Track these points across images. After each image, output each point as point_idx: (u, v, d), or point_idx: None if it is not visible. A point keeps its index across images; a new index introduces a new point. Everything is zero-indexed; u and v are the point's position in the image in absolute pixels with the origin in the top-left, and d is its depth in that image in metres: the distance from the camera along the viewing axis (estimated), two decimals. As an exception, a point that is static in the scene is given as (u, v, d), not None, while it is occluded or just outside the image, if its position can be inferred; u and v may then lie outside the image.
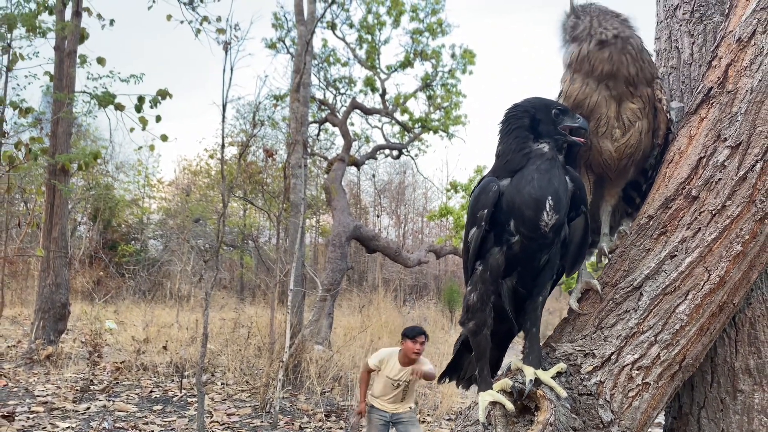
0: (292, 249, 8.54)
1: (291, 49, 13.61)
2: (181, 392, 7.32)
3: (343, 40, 14.00)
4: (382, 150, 15.53)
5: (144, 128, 8.36)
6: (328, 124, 14.77)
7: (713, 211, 1.76)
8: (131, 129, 8.88)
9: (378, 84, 14.34)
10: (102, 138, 20.46)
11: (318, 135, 15.32)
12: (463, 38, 62.36)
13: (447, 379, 2.18)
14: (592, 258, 2.19)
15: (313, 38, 10.14)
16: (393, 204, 27.59)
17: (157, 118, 8.40)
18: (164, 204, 24.29)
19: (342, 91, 14.92)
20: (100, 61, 8.82)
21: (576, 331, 1.90)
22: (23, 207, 17.11)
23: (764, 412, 1.88)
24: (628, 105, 1.90)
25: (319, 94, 14.54)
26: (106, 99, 8.35)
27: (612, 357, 1.79)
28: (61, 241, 9.03)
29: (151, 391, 7.33)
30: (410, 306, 17.60)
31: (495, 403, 1.69)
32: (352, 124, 14.70)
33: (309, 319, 10.38)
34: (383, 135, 15.32)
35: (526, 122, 1.77)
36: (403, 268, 17.93)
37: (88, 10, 9.28)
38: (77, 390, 6.98)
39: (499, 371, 1.94)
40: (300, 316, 8.62)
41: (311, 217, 21.76)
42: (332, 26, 13.62)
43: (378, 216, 26.28)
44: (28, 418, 5.86)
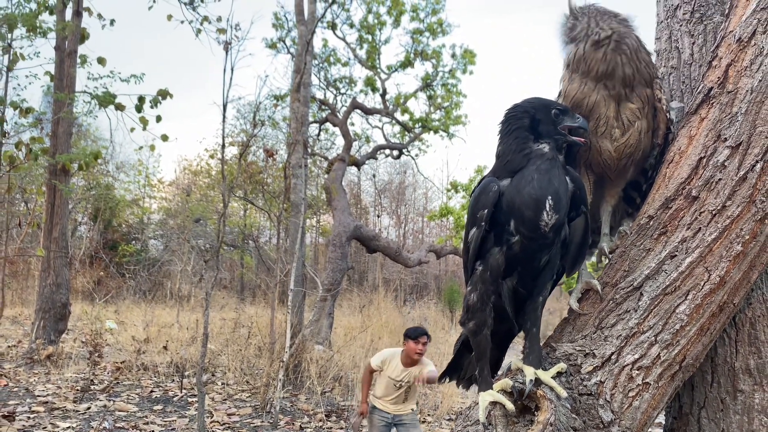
0: (292, 249, 8.54)
1: (291, 49, 13.61)
2: (181, 392, 7.33)
3: (343, 40, 14.01)
4: (382, 150, 15.53)
5: (144, 128, 8.36)
6: (328, 124, 14.77)
7: (713, 212, 1.76)
8: (132, 129, 8.89)
9: (378, 84, 14.34)
10: (102, 138, 20.50)
11: (318, 135, 15.32)
12: (463, 38, 62.40)
13: (447, 379, 2.18)
14: (593, 258, 2.19)
15: (314, 38, 10.15)
16: (393, 204, 27.59)
17: (158, 118, 8.41)
18: (165, 204, 24.31)
19: (342, 91, 14.93)
20: (101, 61, 8.83)
21: (576, 331, 1.90)
22: (24, 207, 17.12)
23: (764, 412, 1.88)
24: (627, 105, 1.90)
25: (320, 94, 14.56)
26: (106, 99, 8.36)
27: (612, 357, 1.79)
28: (61, 241, 9.04)
29: (151, 391, 7.33)
30: (411, 306, 17.60)
31: (495, 403, 1.69)
32: (353, 124, 14.71)
33: (309, 319, 10.38)
34: (384, 135, 15.33)
35: (526, 123, 1.77)
36: (404, 268, 17.94)
37: (88, 10, 9.29)
38: (78, 390, 6.99)
39: (500, 371, 1.94)
40: (300, 316, 8.62)
41: (312, 217, 21.77)
42: (333, 26, 13.62)
43: (378, 216, 26.29)
44: (29, 417, 5.87)
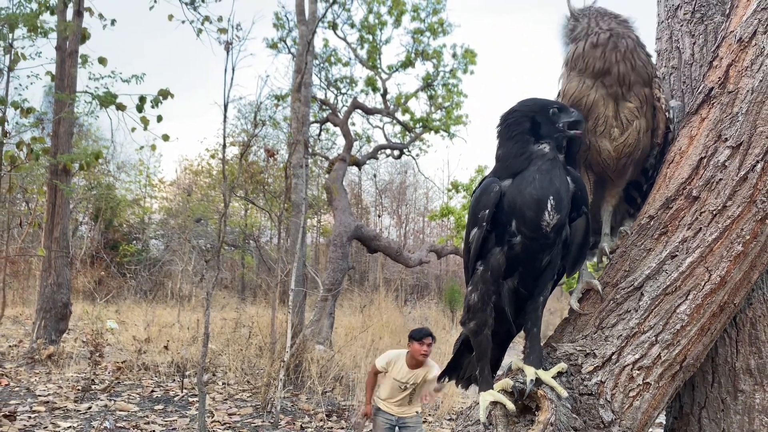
0: (293, 249, 8.54)
1: (292, 49, 13.62)
2: (182, 392, 7.33)
3: (344, 39, 14.02)
4: (383, 150, 15.54)
5: (145, 128, 8.37)
6: (329, 124, 14.78)
7: (714, 212, 1.76)
8: (133, 129, 8.90)
9: (379, 84, 14.35)
10: (103, 138, 20.52)
11: (319, 135, 15.33)
12: (464, 38, 62.40)
13: (447, 379, 2.18)
14: (594, 258, 2.19)
15: (315, 38, 10.15)
16: (394, 204, 27.59)
17: (159, 118, 8.41)
18: (165, 204, 24.32)
19: (343, 90, 14.94)
20: (102, 61, 8.84)
21: (577, 331, 1.90)
22: (25, 207, 17.14)
23: (765, 412, 1.88)
24: (625, 104, 1.90)
25: (321, 94, 14.56)
26: (107, 99, 8.36)
27: (613, 357, 1.78)
28: (62, 241, 9.05)
29: (152, 391, 7.34)
30: (411, 306, 17.60)
31: (496, 403, 1.69)
32: (354, 124, 14.68)
33: (310, 318, 10.39)
34: (384, 135, 15.33)
35: (527, 126, 1.78)
36: (405, 268, 17.94)
37: (89, 10, 9.29)
38: (78, 389, 6.99)
39: (500, 371, 1.94)
40: (301, 315, 8.63)
41: (312, 217, 21.78)
42: (333, 26, 13.62)
43: (379, 216, 26.29)
44: (30, 417, 5.87)
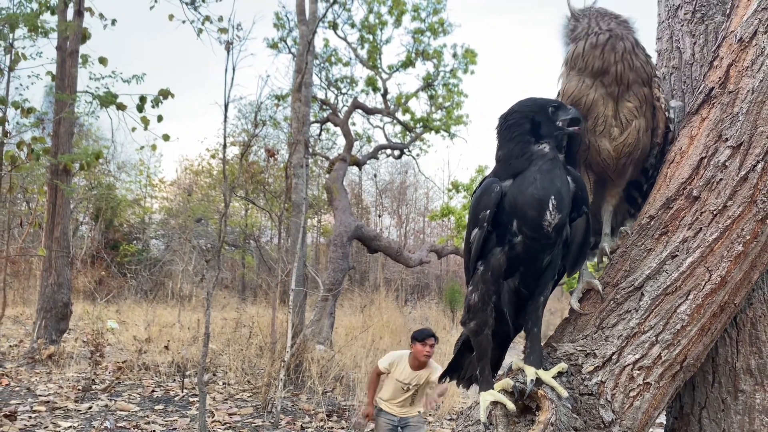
0: (293, 249, 8.54)
1: (293, 49, 13.61)
2: (182, 392, 7.33)
3: (344, 39, 14.02)
4: (383, 150, 15.53)
5: (146, 128, 8.36)
6: (329, 124, 14.77)
7: (714, 212, 1.76)
8: (133, 129, 8.90)
9: (379, 84, 14.34)
10: (104, 138, 20.50)
11: (319, 135, 15.33)
12: (464, 38, 62.35)
13: (447, 379, 2.18)
14: (594, 259, 2.19)
15: (315, 38, 10.15)
16: (394, 204, 27.59)
17: (159, 118, 8.41)
18: (166, 204, 24.32)
19: (343, 90, 14.93)
20: (102, 61, 8.83)
21: (577, 331, 1.90)
22: (25, 207, 17.15)
23: (765, 412, 1.88)
24: (624, 104, 1.90)
25: (321, 94, 14.56)
26: (107, 99, 8.36)
27: (613, 357, 1.78)
28: (63, 241, 9.05)
29: (152, 391, 7.34)
30: (412, 306, 17.60)
31: (496, 403, 1.69)
32: (354, 123, 14.68)
33: (310, 318, 10.39)
34: (385, 135, 15.33)
35: (528, 127, 1.78)
36: (405, 268, 17.93)
37: (90, 10, 9.29)
38: (79, 389, 7.00)
39: (500, 371, 1.94)
40: (301, 315, 8.63)
41: (313, 217, 21.77)
42: (334, 26, 13.62)
43: (379, 216, 26.29)
44: (30, 417, 5.88)
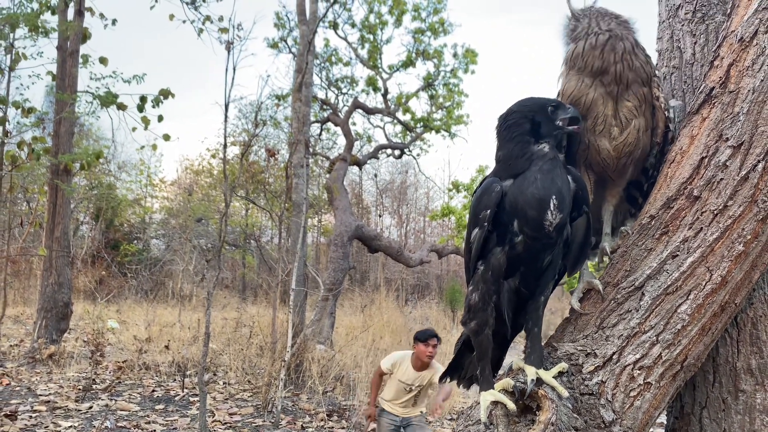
0: (294, 248, 8.54)
1: (293, 49, 13.61)
2: (183, 391, 7.33)
3: (345, 39, 14.02)
4: (384, 150, 15.53)
5: (146, 128, 8.37)
6: (330, 124, 14.77)
7: (715, 211, 1.76)
8: (133, 128, 8.91)
9: (380, 83, 14.34)
10: (104, 137, 20.51)
11: (320, 135, 15.33)
12: (464, 38, 62.35)
13: (448, 379, 2.18)
14: (595, 259, 2.19)
15: (315, 38, 10.15)
16: (395, 204, 27.58)
17: (160, 118, 8.41)
18: (166, 203, 24.32)
19: (344, 90, 14.93)
20: (103, 60, 8.83)
21: (578, 330, 1.90)
22: (26, 206, 17.14)
23: (766, 411, 1.88)
24: (624, 103, 1.90)
25: (321, 94, 14.56)
26: (108, 99, 8.36)
27: (614, 357, 1.78)
28: (63, 241, 9.05)
29: (153, 391, 7.34)
30: (412, 306, 17.60)
31: (497, 403, 1.69)
32: (354, 123, 14.67)
33: (311, 318, 10.39)
34: (385, 134, 15.33)
35: (527, 127, 1.78)
36: (405, 268, 17.93)
37: (90, 9, 9.29)
38: (79, 389, 7.00)
39: (500, 371, 1.94)
40: (302, 315, 8.63)
41: (313, 217, 21.77)
42: (334, 26, 13.62)
43: (380, 216, 26.29)
44: (31, 417, 5.88)
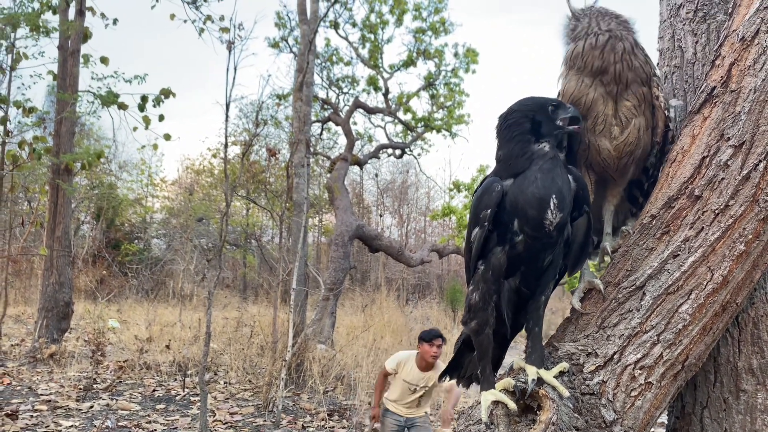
0: (294, 248, 8.54)
1: (294, 49, 13.62)
2: (183, 391, 7.34)
3: (345, 39, 14.02)
4: (384, 149, 15.53)
5: (147, 127, 8.37)
6: (330, 124, 14.78)
7: (716, 211, 1.75)
8: (134, 128, 8.92)
9: (381, 83, 14.34)
10: (105, 137, 20.52)
11: (321, 134, 15.33)
12: (464, 38, 62.33)
13: (448, 378, 2.18)
14: (596, 258, 2.19)
15: (316, 37, 10.15)
16: (396, 203, 27.58)
17: (161, 117, 8.42)
18: (167, 203, 24.32)
19: (345, 90, 14.93)
20: (104, 60, 8.84)
21: (579, 330, 1.89)
22: (27, 206, 17.15)
23: (767, 411, 1.87)
24: (623, 103, 1.90)
25: (322, 94, 14.57)
26: (109, 98, 8.37)
27: (615, 356, 1.78)
28: (64, 240, 9.05)
29: (153, 390, 7.35)
30: (413, 305, 17.60)
31: (498, 403, 1.69)
32: (355, 123, 14.67)
33: (312, 318, 10.39)
34: (386, 134, 15.33)
35: (528, 126, 1.77)
36: (406, 268, 17.93)
37: (91, 9, 9.30)
38: (80, 389, 7.00)
39: (501, 370, 1.94)
40: (303, 315, 8.63)
41: (314, 217, 21.78)
42: (335, 25, 13.62)
43: (381, 215, 26.29)
44: (32, 416, 5.88)
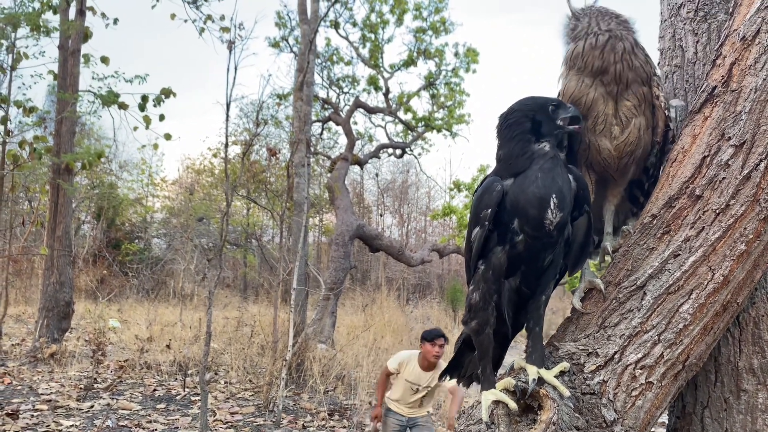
0: (295, 248, 8.54)
1: (294, 48, 13.62)
2: (184, 391, 7.34)
3: (346, 38, 14.02)
4: (385, 149, 15.53)
5: (147, 127, 8.38)
6: (331, 123, 14.78)
7: (717, 211, 1.75)
8: (135, 128, 8.93)
9: (381, 83, 14.33)
10: (106, 137, 20.50)
11: (321, 134, 15.33)
12: (464, 38, 62.31)
13: (448, 378, 2.18)
14: (596, 258, 2.19)
15: (317, 37, 10.14)
16: (396, 203, 27.58)
17: (161, 117, 8.43)
18: (168, 203, 24.33)
19: (345, 89, 14.93)
20: (104, 60, 8.84)
21: (579, 330, 1.89)
22: (27, 206, 17.15)
23: (768, 411, 1.87)
24: (623, 102, 1.90)
25: (323, 93, 14.56)
26: (109, 98, 8.38)
27: (615, 356, 1.78)
28: (64, 240, 9.06)
29: (154, 390, 7.35)
30: (413, 305, 17.61)
31: (498, 402, 1.69)
32: (356, 122, 14.68)
33: (312, 317, 10.39)
34: (386, 134, 15.32)
35: (528, 126, 1.77)
36: (407, 267, 17.93)
37: (92, 9, 9.30)
38: (81, 388, 7.01)
39: (502, 370, 1.94)
40: (303, 314, 8.63)
41: (314, 216, 21.77)
42: (335, 25, 13.62)
43: (381, 215, 26.30)
44: (32, 416, 5.89)
